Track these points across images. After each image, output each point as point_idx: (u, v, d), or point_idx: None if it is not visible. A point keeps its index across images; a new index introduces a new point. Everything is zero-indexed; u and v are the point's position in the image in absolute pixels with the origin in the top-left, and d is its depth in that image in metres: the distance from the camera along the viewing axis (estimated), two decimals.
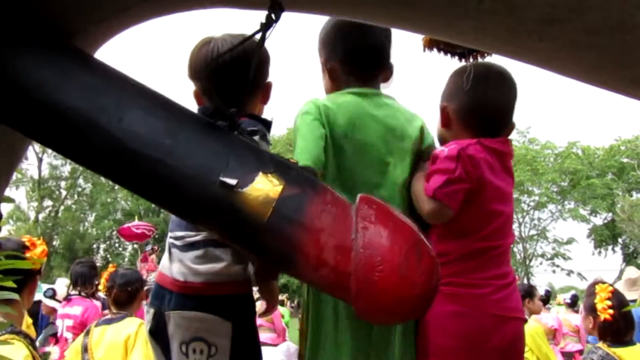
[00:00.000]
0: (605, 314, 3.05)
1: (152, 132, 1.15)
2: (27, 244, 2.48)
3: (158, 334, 1.67)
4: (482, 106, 1.88)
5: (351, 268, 1.09)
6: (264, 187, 1.13)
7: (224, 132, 1.22)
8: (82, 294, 5.41)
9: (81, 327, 5.14)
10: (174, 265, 1.67)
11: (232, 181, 1.12)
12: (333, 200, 1.16)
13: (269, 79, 1.84)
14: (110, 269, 4.23)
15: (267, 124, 1.71)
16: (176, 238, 1.69)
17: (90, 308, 5.29)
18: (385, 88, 1.96)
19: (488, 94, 1.88)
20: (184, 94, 1.88)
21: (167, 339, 1.64)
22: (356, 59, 1.91)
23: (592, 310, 3.15)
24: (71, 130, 1.17)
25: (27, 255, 2.39)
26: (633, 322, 3.19)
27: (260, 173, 1.14)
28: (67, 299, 5.51)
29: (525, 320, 1.86)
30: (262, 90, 1.83)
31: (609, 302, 3.08)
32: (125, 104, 1.17)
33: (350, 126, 1.78)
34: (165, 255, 1.74)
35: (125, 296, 3.81)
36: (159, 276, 1.72)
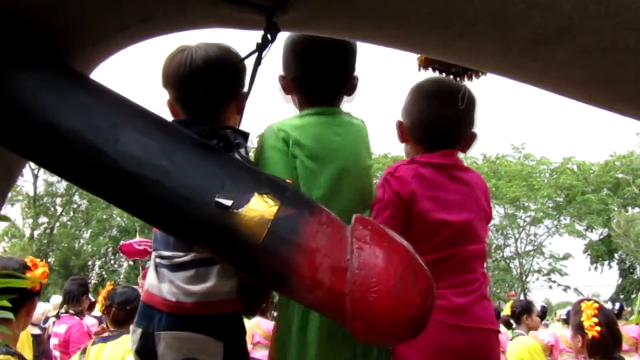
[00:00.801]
0: (592, 332, 3.03)
1: (148, 153, 1.15)
2: (29, 264, 2.46)
3: (146, 354, 1.64)
4: (430, 121, 1.91)
5: (346, 289, 1.09)
6: (260, 207, 1.13)
7: (220, 152, 1.23)
8: (71, 311, 5.38)
9: (65, 344, 5.12)
10: (163, 284, 1.65)
11: (228, 202, 1.12)
12: (328, 221, 1.16)
13: (244, 90, 1.84)
14: (108, 287, 4.21)
15: (246, 136, 1.69)
16: (163, 257, 1.67)
17: (73, 326, 5.26)
18: (348, 102, 1.93)
19: (435, 109, 1.90)
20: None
21: (155, 358, 1.63)
22: (312, 84, 1.87)
23: (579, 328, 3.14)
24: (67, 151, 1.17)
25: (28, 275, 2.36)
26: (621, 338, 3.19)
27: (256, 194, 1.14)
28: (58, 317, 5.49)
29: (499, 332, 1.86)
30: (237, 101, 1.83)
31: (595, 320, 3.07)
32: (121, 124, 1.17)
33: (317, 148, 1.74)
34: (152, 273, 1.70)
35: (124, 315, 3.78)
36: (146, 295, 1.70)
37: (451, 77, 2.08)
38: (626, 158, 31.09)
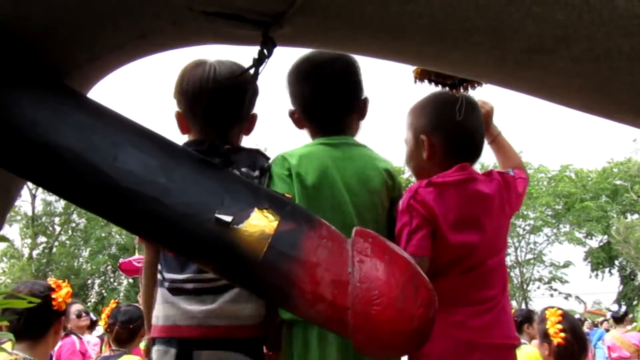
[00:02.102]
0: (557, 338, 3.02)
1: (147, 171, 1.15)
2: (53, 286, 2.56)
3: None
4: (465, 132, 1.90)
5: (348, 302, 1.09)
6: (260, 223, 1.13)
7: (218, 168, 1.23)
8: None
9: None
10: (196, 308, 1.65)
11: (228, 218, 1.12)
12: (329, 235, 1.16)
13: (255, 112, 1.85)
14: (112, 304, 4.20)
15: (268, 159, 1.75)
16: (199, 281, 1.67)
17: (64, 345, 5.23)
18: (361, 122, 1.93)
19: (469, 120, 1.90)
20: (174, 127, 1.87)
21: None
22: (316, 112, 1.86)
23: (545, 336, 3.13)
24: (65, 170, 1.17)
25: (53, 296, 2.50)
26: (586, 344, 3.18)
27: (256, 209, 1.14)
28: None
29: (517, 346, 1.84)
30: (248, 121, 1.83)
31: (559, 326, 3.05)
32: (119, 142, 1.17)
33: (319, 179, 1.74)
34: (169, 306, 1.69)
35: (127, 334, 3.78)
36: (164, 330, 1.69)
37: (447, 89, 2.08)
38: (624, 164, 31.16)
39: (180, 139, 1.74)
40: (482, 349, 1.70)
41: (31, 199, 30.72)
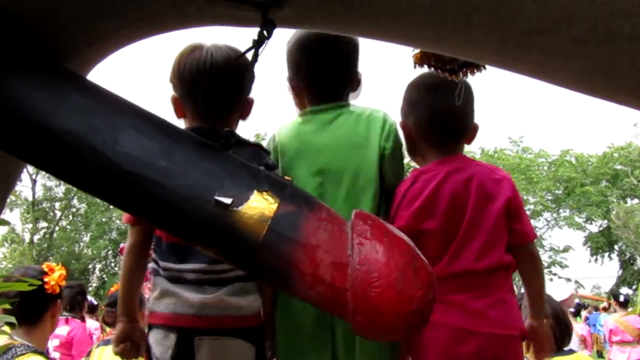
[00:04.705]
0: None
1: (147, 153, 1.15)
2: (46, 269, 2.55)
3: (182, 359, 1.65)
4: (439, 113, 1.87)
5: (348, 284, 1.09)
6: (259, 205, 1.13)
7: (218, 151, 1.22)
8: (66, 314, 5.38)
9: (67, 346, 5.13)
10: (197, 298, 1.66)
11: (227, 200, 1.12)
12: (328, 217, 1.16)
13: (252, 96, 1.85)
14: (114, 287, 4.22)
15: (268, 152, 1.77)
16: (205, 272, 1.68)
17: (76, 328, 5.27)
18: (353, 99, 1.95)
19: (443, 101, 1.87)
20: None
21: None
22: (315, 80, 1.90)
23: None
24: (66, 153, 1.17)
25: (46, 280, 2.49)
26: (569, 329, 3.16)
27: (255, 191, 1.14)
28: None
29: (519, 337, 1.80)
30: (244, 106, 1.83)
31: None
32: (119, 125, 1.17)
33: (297, 155, 1.79)
34: (180, 292, 1.69)
35: (112, 317, 3.79)
36: (165, 318, 1.70)
37: (447, 74, 2.07)
38: (624, 149, 31.11)
39: (176, 123, 1.73)
40: (478, 336, 1.69)
41: (31, 184, 30.72)
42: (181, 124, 1.81)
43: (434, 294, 1.12)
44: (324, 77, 1.88)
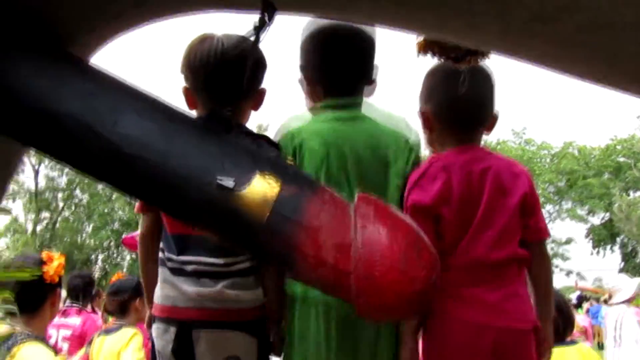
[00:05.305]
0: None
1: (148, 136, 1.15)
2: (45, 259, 2.54)
3: (181, 352, 1.65)
4: (459, 100, 1.85)
5: (351, 266, 1.09)
6: (262, 187, 1.13)
7: (220, 134, 1.22)
8: (75, 305, 5.38)
9: (80, 337, 5.12)
10: (195, 290, 1.66)
11: (229, 182, 1.12)
12: (331, 199, 1.16)
13: (263, 86, 1.83)
14: (115, 277, 4.22)
15: (278, 147, 1.74)
16: (199, 263, 1.67)
17: (89, 319, 5.27)
18: (368, 94, 1.90)
19: (463, 87, 1.85)
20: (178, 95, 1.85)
21: (191, 358, 1.64)
22: (329, 72, 1.85)
23: None
24: (66, 136, 1.17)
25: (45, 269, 2.48)
26: (572, 320, 3.16)
27: (258, 174, 1.14)
28: (65, 310, 5.49)
29: (532, 331, 1.76)
30: (256, 96, 1.82)
31: None
32: (120, 108, 1.17)
33: (325, 156, 1.72)
34: (180, 284, 1.69)
35: (114, 305, 3.77)
36: (167, 311, 1.70)
37: (451, 62, 2.06)
38: (627, 142, 31.04)
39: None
40: (494, 330, 1.69)
41: (34, 174, 30.75)
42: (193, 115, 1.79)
43: (437, 275, 1.12)
44: (340, 69, 1.84)
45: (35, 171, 30.57)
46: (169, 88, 1.85)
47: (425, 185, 1.74)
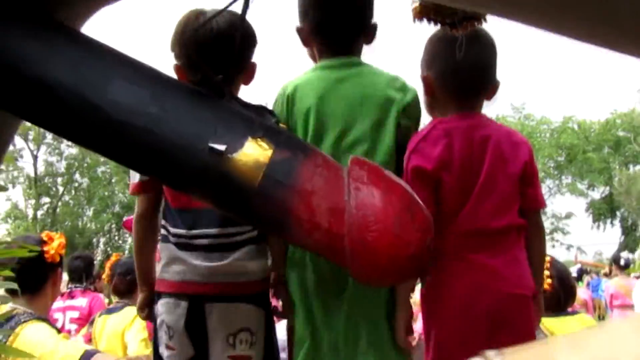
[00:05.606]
0: (544, 285, 3.01)
1: (138, 102, 1.13)
2: (45, 238, 2.54)
3: (193, 326, 1.66)
4: (460, 66, 1.84)
5: (345, 230, 1.08)
6: (254, 152, 1.11)
7: (211, 99, 1.21)
8: (79, 286, 5.39)
9: (89, 317, 5.14)
10: (205, 265, 1.66)
11: (221, 147, 1.10)
12: (324, 163, 1.15)
13: (254, 61, 1.81)
14: (113, 258, 4.22)
15: (273, 114, 1.72)
16: (214, 236, 1.67)
17: (95, 299, 5.28)
18: (368, 51, 1.89)
19: (459, 54, 1.83)
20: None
21: (203, 331, 1.66)
22: (326, 30, 1.82)
23: None
24: (56, 104, 1.15)
25: (45, 249, 2.48)
26: (573, 290, 3.17)
27: (250, 138, 1.12)
28: (69, 292, 5.50)
29: (530, 296, 1.76)
30: (247, 70, 1.80)
31: (547, 273, 3.03)
32: (110, 74, 1.15)
33: (315, 103, 1.71)
34: (189, 259, 1.69)
35: (125, 285, 3.78)
36: (173, 286, 1.70)
37: (447, 28, 2.03)
38: (627, 116, 31.00)
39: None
40: (494, 295, 1.69)
41: (33, 159, 30.76)
42: None
43: (431, 238, 1.11)
44: (335, 26, 1.82)
45: (34, 157, 30.58)
46: (160, 65, 1.81)
47: (426, 149, 1.73)
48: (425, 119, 1.95)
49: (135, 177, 1.69)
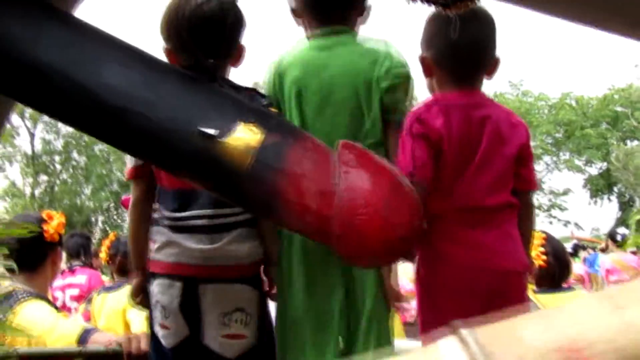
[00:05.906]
0: (539, 261, 3.02)
1: (130, 85, 1.14)
2: (45, 217, 2.54)
3: (187, 306, 1.68)
4: (459, 44, 1.83)
5: (334, 212, 1.09)
6: (245, 136, 1.12)
7: (202, 83, 1.21)
8: (77, 263, 5.41)
9: (88, 293, 5.17)
10: (199, 247, 1.68)
11: (212, 131, 1.11)
12: (314, 147, 1.16)
13: (243, 43, 1.82)
14: (112, 236, 4.21)
15: (264, 95, 1.73)
16: (209, 217, 1.68)
17: (94, 275, 5.30)
18: (361, 25, 1.87)
19: (463, 32, 1.83)
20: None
21: (198, 311, 1.68)
22: (319, 3, 1.82)
23: None
24: (49, 87, 1.16)
25: (45, 228, 2.49)
26: (569, 267, 3.19)
27: (241, 122, 1.13)
28: (71, 269, 5.52)
29: (523, 272, 1.79)
30: (236, 52, 1.80)
31: (542, 249, 3.05)
32: (102, 58, 1.16)
33: (303, 82, 1.72)
34: (183, 241, 1.70)
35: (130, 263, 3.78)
36: (168, 267, 1.71)
37: (440, 8, 2.02)
38: (625, 91, 30.87)
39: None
40: (489, 272, 1.71)
41: (30, 138, 30.65)
42: None
43: (419, 221, 1.12)
44: (326, 8, 1.81)
45: (31, 134, 30.48)
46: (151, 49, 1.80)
47: (430, 121, 1.74)
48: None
49: (130, 162, 1.70)
